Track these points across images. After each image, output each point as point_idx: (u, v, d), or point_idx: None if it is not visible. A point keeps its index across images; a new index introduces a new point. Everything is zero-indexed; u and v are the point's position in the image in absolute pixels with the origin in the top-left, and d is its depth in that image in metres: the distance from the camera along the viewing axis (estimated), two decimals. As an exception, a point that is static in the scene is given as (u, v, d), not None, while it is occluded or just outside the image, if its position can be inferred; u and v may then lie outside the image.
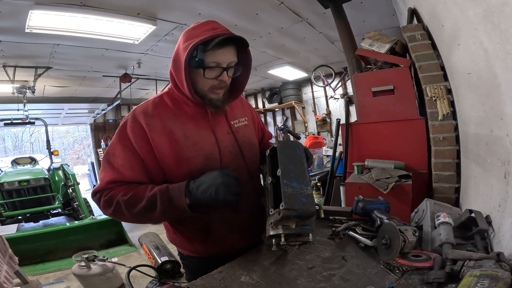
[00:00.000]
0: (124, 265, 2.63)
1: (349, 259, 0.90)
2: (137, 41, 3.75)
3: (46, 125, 5.49)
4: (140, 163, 0.95)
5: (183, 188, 0.90)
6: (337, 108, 6.87)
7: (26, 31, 3.06)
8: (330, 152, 4.65)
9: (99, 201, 0.95)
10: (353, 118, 3.45)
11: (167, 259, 2.80)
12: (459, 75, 1.29)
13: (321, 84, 6.32)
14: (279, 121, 7.96)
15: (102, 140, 8.19)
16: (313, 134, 7.04)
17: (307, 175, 0.85)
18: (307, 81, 7.19)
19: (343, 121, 2.38)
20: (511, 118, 0.76)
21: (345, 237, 1.07)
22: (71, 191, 4.57)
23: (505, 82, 0.77)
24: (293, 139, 1.08)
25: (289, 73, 6.28)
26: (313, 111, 7.34)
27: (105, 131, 8.40)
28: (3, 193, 4.31)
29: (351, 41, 2.86)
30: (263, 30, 3.83)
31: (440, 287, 0.69)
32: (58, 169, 5.25)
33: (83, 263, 2.51)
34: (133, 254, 3.41)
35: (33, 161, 5.73)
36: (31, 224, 4.84)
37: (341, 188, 2.60)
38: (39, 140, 15.99)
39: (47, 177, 4.70)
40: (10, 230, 2.44)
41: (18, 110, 5.58)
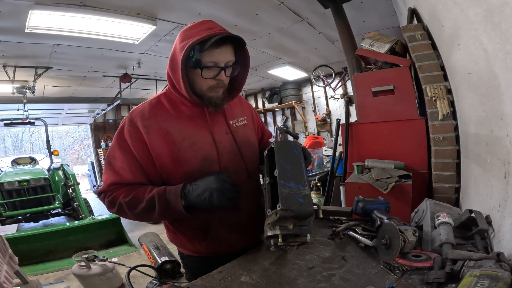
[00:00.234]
0: (124, 265, 2.63)
1: (349, 259, 0.90)
2: (137, 41, 3.75)
3: (46, 125, 5.49)
4: (138, 165, 0.97)
5: (179, 191, 0.92)
6: (337, 108, 6.87)
7: (26, 31, 3.06)
8: (330, 152, 4.65)
9: (104, 201, 1.00)
10: (353, 118, 3.45)
11: (167, 259, 2.80)
12: (459, 75, 1.29)
13: (321, 84, 6.32)
14: (279, 121, 7.96)
15: (102, 140, 8.19)
16: (313, 134, 7.04)
17: (304, 175, 0.85)
18: (307, 81, 7.19)
19: (343, 121, 2.38)
20: (511, 118, 0.76)
21: (345, 237, 1.07)
22: (71, 191, 4.57)
23: (505, 82, 0.77)
24: (291, 139, 1.08)
25: (289, 73, 6.28)
26: (313, 111, 7.34)
27: (105, 131, 8.40)
28: (3, 193, 4.30)
29: (351, 41, 2.86)
30: (263, 30, 3.82)
31: (440, 287, 0.69)
32: (58, 169, 5.24)
33: (83, 263, 2.51)
34: (133, 254, 3.40)
35: (33, 161, 5.72)
36: (31, 224, 4.84)
37: (341, 188, 2.60)
38: (39, 140, 15.98)
39: (47, 177, 4.69)
40: (10, 230, 2.44)
41: (18, 110, 5.58)
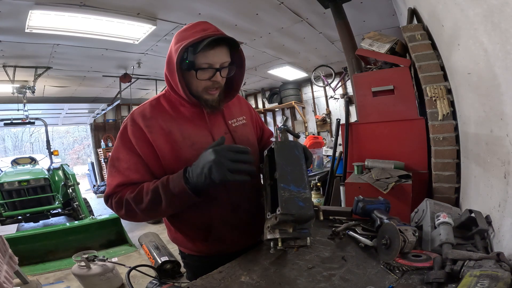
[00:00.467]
0: (124, 265, 2.63)
1: (349, 259, 0.90)
2: (137, 41, 3.75)
3: (46, 125, 5.49)
4: (144, 164, 0.96)
5: (181, 174, 0.88)
6: (337, 108, 6.87)
7: (26, 31, 3.06)
8: (330, 152, 4.65)
9: (112, 205, 0.95)
10: (353, 118, 3.45)
11: (167, 259, 2.80)
12: (459, 75, 1.29)
13: (321, 84, 6.32)
14: (279, 121, 7.97)
15: (102, 140, 8.19)
16: (313, 134, 7.04)
17: (305, 178, 0.83)
18: (307, 81, 7.19)
19: (343, 121, 2.38)
20: (511, 118, 0.76)
21: (345, 237, 1.07)
22: (71, 191, 4.57)
23: (505, 82, 0.77)
24: (292, 139, 1.07)
25: (289, 73, 6.28)
26: (313, 111, 7.34)
27: (105, 131, 8.41)
28: (3, 193, 4.30)
29: (351, 41, 2.86)
30: (263, 30, 3.82)
31: (440, 287, 0.69)
32: (58, 169, 5.24)
33: (83, 263, 2.51)
34: (133, 254, 3.40)
35: (33, 161, 5.72)
36: (31, 224, 4.84)
37: (341, 188, 2.60)
38: (39, 140, 15.98)
39: (47, 177, 4.69)
40: (10, 230, 2.44)
41: (18, 110, 5.58)
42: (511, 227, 0.76)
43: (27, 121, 5.46)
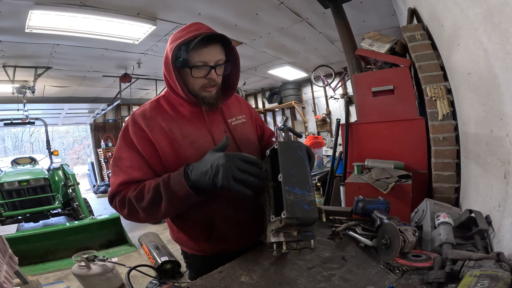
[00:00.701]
0: (124, 265, 2.63)
1: (349, 259, 0.90)
2: (137, 41, 3.75)
3: (46, 125, 5.49)
4: (146, 162, 0.97)
5: (182, 170, 0.88)
6: (337, 108, 6.87)
7: (26, 31, 3.06)
8: (330, 152, 4.65)
9: (116, 205, 0.96)
10: (353, 118, 3.45)
11: (167, 259, 2.80)
12: (459, 75, 1.29)
13: (321, 84, 6.33)
14: (279, 121, 7.97)
15: (102, 140, 8.20)
16: (313, 134, 7.04)
17: (309, 180, 0.82)
18: (307, 81, 7.19)
19: (343, 121, 2.38)
20: (511, 118, 0.76)
21: (345, 237, 1.07)
22: (71, 191, 4.57)
23: (505, 82, 0.77)
24: (294, 138, 1.07)
25: (289, 73, 6.28)
26: (313, 111, 7.35)
27: (105, 131, 8.41)
28: (3, 193, 4.30)
29: (351, 41, 2.86)
30: (263, 30, 3.83)
31: (440, 287, 0.69)
32: (58, 169, 5.24)
33: (83, 263, 2.51)
34: (133, 254, 3.40)
35: (33, 161, 5.72)
36: (31, 224, 4.84)
37: (341, 188, 2.60)
38: (39, 140, 15.99)
39: (47, 177, 4.69)
40: (10, 230, 2.44)
41: (18, 110, 5.59)
42: (511, 227, 0.76)
43: (27, 121, 5.46)
